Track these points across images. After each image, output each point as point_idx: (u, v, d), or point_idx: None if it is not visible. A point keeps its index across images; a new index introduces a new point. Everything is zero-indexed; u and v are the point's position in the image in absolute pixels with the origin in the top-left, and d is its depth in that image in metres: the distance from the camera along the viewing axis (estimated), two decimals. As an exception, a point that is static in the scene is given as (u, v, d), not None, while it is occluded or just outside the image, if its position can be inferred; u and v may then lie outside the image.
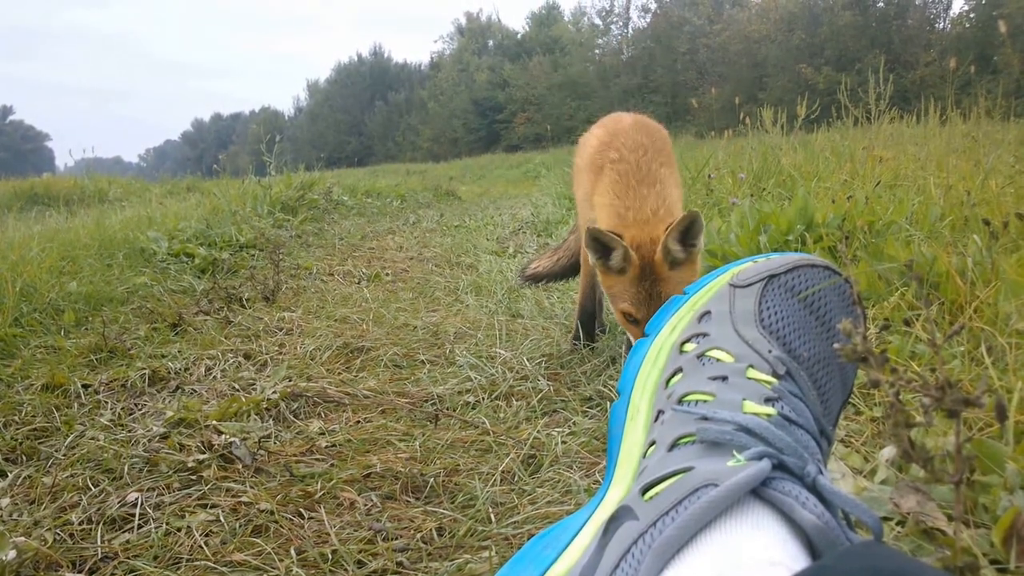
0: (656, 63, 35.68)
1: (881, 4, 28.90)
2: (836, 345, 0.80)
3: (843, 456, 1.41)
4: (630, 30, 42.15)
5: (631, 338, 2.01)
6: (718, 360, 0.85)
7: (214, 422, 1.79)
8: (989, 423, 1.33)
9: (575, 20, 49.67)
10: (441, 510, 1.41)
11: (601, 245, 1.91)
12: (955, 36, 25.85)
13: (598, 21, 44.43)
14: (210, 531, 1.34)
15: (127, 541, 1.31)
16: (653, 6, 40.52)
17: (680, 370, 0.87)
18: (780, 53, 29.41)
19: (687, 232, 1.88)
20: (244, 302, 3.19)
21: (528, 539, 0.83)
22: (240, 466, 1.59)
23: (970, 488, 1.12)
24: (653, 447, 0.78)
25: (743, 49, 31.15)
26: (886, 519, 1.15)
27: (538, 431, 1.73)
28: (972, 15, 25.56)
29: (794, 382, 0.83)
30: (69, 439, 1.74)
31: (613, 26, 43.13)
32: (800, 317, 0.91)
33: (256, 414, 1.87)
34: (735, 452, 0.69)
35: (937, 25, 28.41)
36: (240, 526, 1.35)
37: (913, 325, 1.83)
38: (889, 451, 1.34)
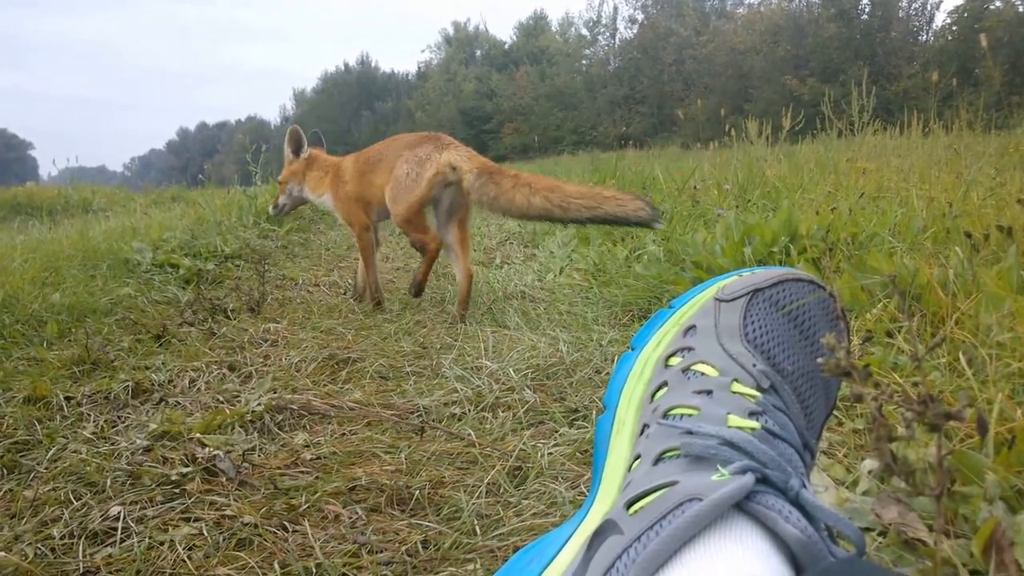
0: (643, 74, 35.86)
1: (865, 16, 29.17)
2: (819, 359, 0.81)
3: (826, 467, 1.42)
4: (617, 41, 42.32)
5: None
6: (703, 374, 0.85)
7: (198, 435, 1.78)
8: (970, 434, 1.34)
9: (562, 30, 49.81)
10: (426, 523, 1.40)
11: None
12: (937, 49, 26.10)
13: (585, 32, 44.60)
14: (193, 545, 1.33)
15: (109, 555, 1.30)
16: (640, 17, 40.74)
17: (665, 384, 0.87)
18: (765, 64, 29.61)
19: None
20: (229, 313, 3.17)
21: (513, 552, 0.83)
22: (224, 479, 1.58)
23: (951, 499, 1.13)
24: (638, 461, 0.78)
25: (729, 60, 31.35)
26: (868, 530, 1.16)
27: (524, 443, 1.73)
28: (954, 28, 25.82)
29: (778, 396, 0.84)
30: (51, 452, 1.72)
31: (600, 37, 43.31)
32: (784, 331, 0.91)
33: (240, 426, 1.86)
34: (719, 466, 0.70)
35: (920, 38, 28.73)
36: (224, 540, 1.35)
37: (896, 337, 1.84)
38: (871, 463, 1.35)
